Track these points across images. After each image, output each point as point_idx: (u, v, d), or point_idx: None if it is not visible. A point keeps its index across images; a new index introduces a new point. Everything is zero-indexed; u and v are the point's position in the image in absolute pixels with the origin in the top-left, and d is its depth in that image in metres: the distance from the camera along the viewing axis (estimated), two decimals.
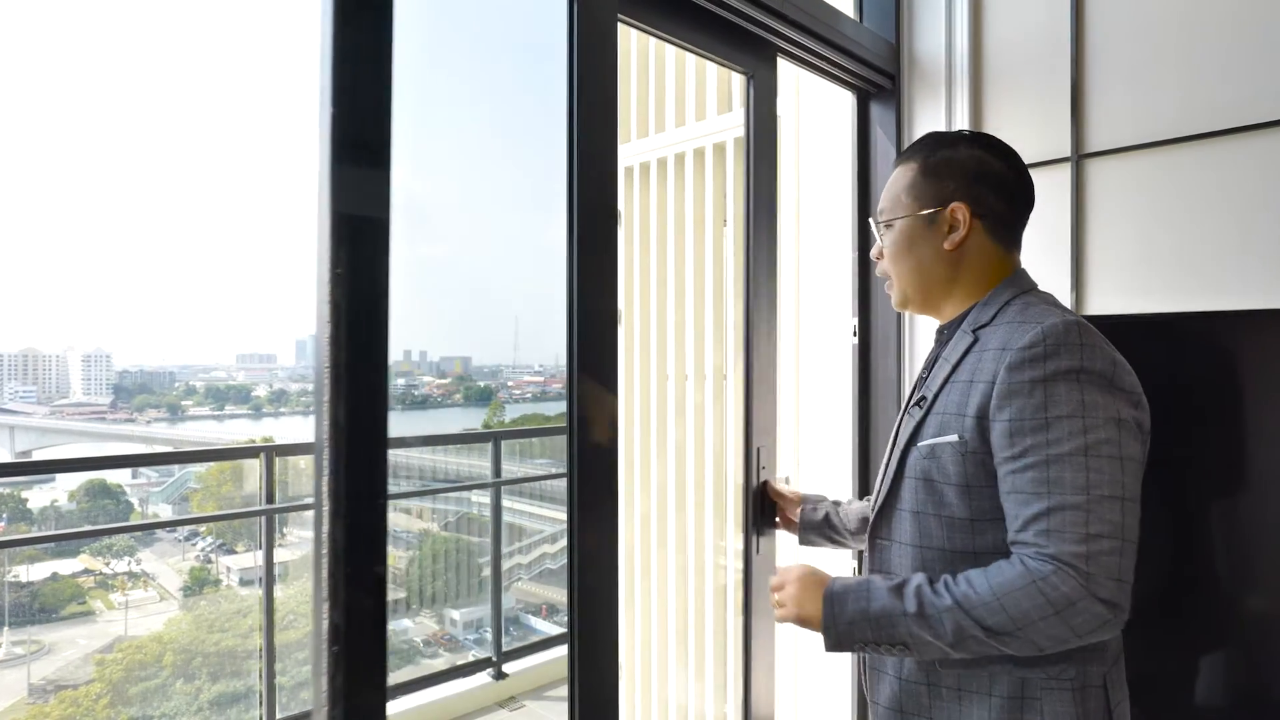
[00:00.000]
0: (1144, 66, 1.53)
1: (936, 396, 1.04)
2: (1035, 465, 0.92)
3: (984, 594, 0.91)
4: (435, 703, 3.03)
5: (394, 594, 6.78)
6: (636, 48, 2.52)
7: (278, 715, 2.86)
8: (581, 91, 1.23)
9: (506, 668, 3.27)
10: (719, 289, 2.27)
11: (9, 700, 6.32)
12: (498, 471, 3.41)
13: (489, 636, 3.39)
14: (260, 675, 2.62)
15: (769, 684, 1.71)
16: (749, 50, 1.62)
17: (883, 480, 1.11)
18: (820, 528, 1.46)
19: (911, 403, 1.10)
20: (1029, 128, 1.67)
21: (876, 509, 1.11)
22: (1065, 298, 1.59)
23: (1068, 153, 1.60)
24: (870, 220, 1.17)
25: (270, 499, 2.78)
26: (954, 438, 0.99)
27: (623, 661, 2.50)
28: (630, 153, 2.48)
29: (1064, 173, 1.61)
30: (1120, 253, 1.55)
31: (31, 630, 7.15)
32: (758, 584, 1.61)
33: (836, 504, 1.47)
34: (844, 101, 1.90)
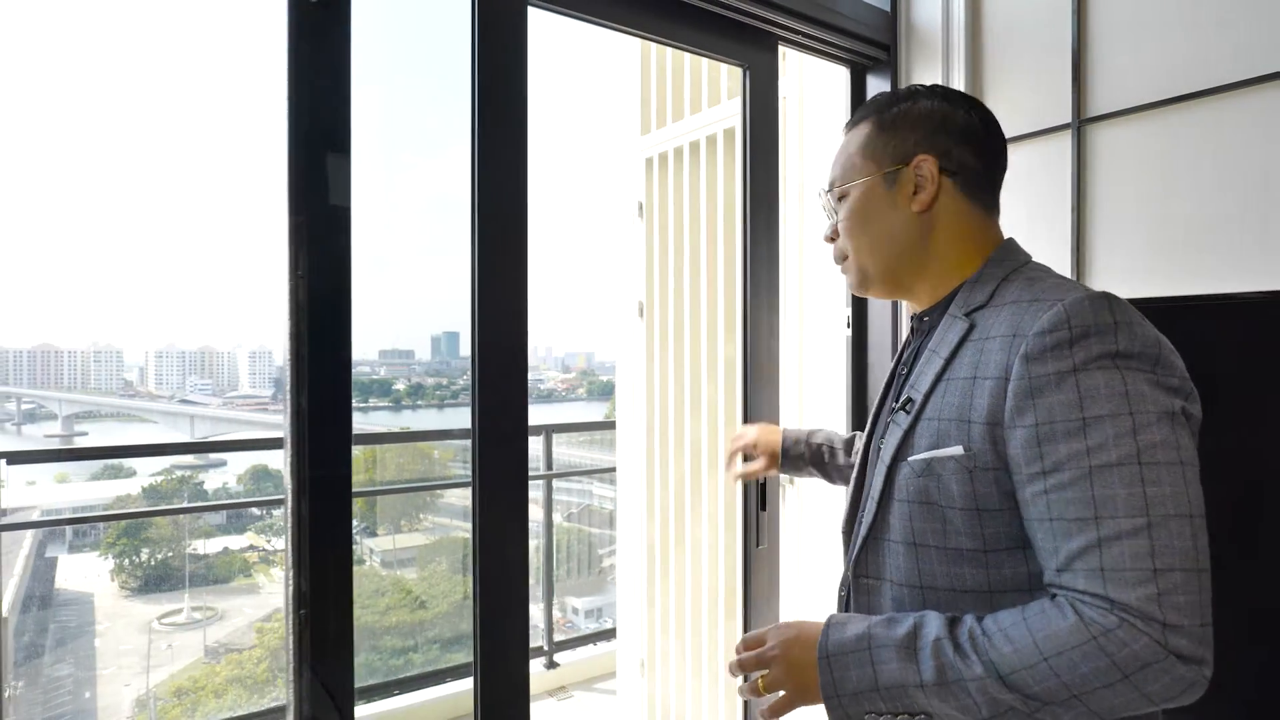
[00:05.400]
0: (1153, 10, 1.32)
1: (928, 397, 0.85)
2: (1074, 482, 0.72)
3: (1025, 653, 0.71)
4: None
5: None
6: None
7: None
8: (485, 86, 1.21)
9: (558, 658, 3.34)
10: (730, 281, 2.19)
11: (190, 659, 7.12)
12: (549, 464, 3.52)
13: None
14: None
15: None
16: (745, 41, 1.60)
17: (863, 503, 0.91)
18: (808, 445, 1.33)
19: (895, 406, 0.90)
20: (1029, 93, 1.49)
21: (859, 542, 0.91)
22: None
23: (1068, 118, 1.42)
24: (819, 196, 1.01)
25: None
26: (957, 450, 0.79)
27: (642, 660, 2.48)
28: (650, 143, 2.44)
29: (1064, 141, 1.42)
30: (1127, 228, 1.35)
31: (208, 598, 8.01)
32: (757, 579, 1.68)
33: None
34: (840, 78, 1.77)
